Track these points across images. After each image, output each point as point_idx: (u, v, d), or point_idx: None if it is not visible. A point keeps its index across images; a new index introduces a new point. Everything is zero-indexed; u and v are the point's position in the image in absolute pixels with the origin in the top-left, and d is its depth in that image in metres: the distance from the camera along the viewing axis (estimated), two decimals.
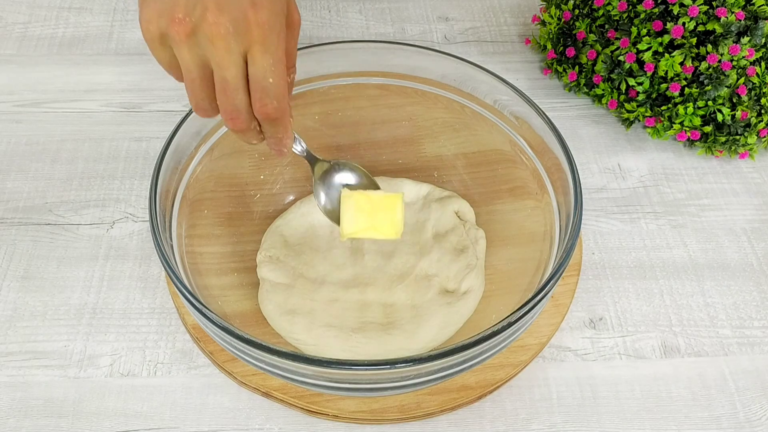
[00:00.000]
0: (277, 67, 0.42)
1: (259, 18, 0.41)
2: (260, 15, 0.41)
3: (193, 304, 0.45)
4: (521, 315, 0.45)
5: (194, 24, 0.40)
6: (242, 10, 0.40)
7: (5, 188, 0.67)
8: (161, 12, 0.41)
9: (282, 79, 0.43)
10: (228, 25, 0.40)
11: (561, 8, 0.77)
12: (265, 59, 0.42)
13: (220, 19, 0.40)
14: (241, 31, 0.41)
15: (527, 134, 0.57)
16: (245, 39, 0.41)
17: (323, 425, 0.53)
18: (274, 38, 0.42)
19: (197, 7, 0.40)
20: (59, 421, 0.52)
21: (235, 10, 0.40)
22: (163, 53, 0.43)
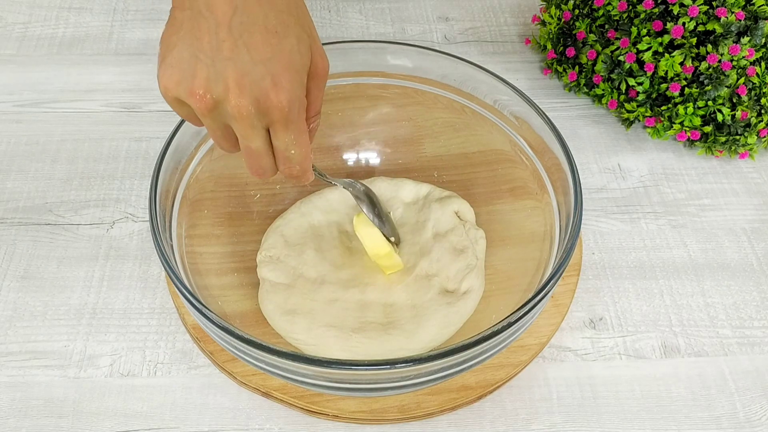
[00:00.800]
0: (299, 139, 0.44)
1: (280, 99, 0.41)
2: (281, 96, 0.41)
3: (193, 304, 0.45)
4: (521, 315, 0.45)
5: (216, 101, 0.41)
6: (263, 91, 0.41)
7: (5, 188, 0.67)
8: (179, 81, 0.41)
9: (304, 148, 0.44)
10: (250, 107, 0.41)
11: (561, 8, 0.77)
12: (287, 135, 0.43)
13: (242, 102, 0.40)
14: (262, 111, 0.41)
15: (527, 134, 0.57)
16: (267, 118, 0.42)
17: (323, 425, 0.53)
18: (294, 115, 0.42)
19: (218, 84, 0.40)
20: (59, 421, 0.52)
21: (256, 90, 0.40)
22: (181, 111, 0.44)
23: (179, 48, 0.41)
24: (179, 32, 0.41)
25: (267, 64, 0.41)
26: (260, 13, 0.41)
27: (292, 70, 0.42)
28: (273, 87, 0.41)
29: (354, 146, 0.66)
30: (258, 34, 0.41)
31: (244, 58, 0.40)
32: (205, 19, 0.40)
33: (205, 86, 0.41)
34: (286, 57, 0.41)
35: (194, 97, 0.41)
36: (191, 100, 0.41)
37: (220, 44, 0.40)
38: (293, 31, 0.42)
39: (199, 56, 0.41)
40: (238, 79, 0.40)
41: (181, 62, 0.41)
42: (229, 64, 0.40)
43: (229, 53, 0.40)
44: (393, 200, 0.63)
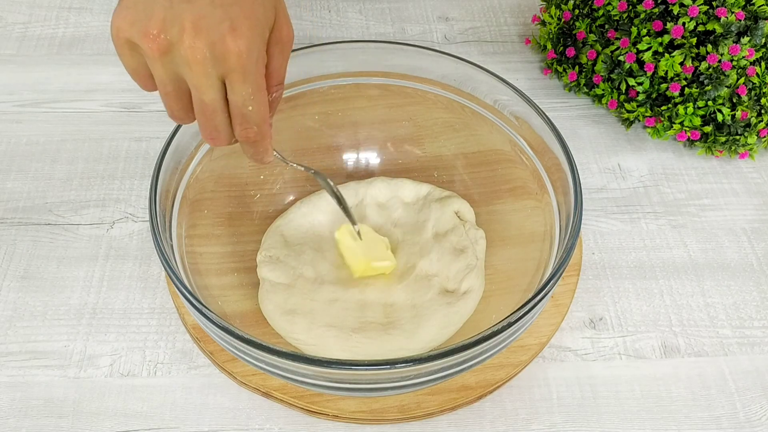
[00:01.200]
0: (257, 95, 0.41)
1: (238, 45, 0.39)
2: (239, 42, 0.39)
3: (193, 304, 0.45)
4: (521, 315, 0.45)
5: (169, 43, 0.39)
6: (220, 35, 0.38)
7: (5, 188, 0.67)
8: (134, 22, 0.39)
9: (262, 106, 0.42)
10: (205, 50, 0.38)
11: (561, 8, 0.77)
12: (244, 88, 0.40)
13: (197, 43, 0.38)
14: (218, 57, 0.39)
15: (527, 134, 0.58)
16: (223, 65, 0.39)
17: (323, 425, 0.53)
18: (252, 66, 0.40)
19: (174, 25, 0.38)
20: (59, 421, 0.52)
21: (214, 33, 0.38)
22: (131, 60, 0.41)
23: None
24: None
25: (227, 8, 0.38)
26: None
27: (254, 18, 0.39)
28: (231, 31, 0.38)
29: (354, 146, 0.66)
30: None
31: (203, 1, 0.38)
32: None
33: (160, 26, 0.38)
34: (248, 5, 0.39)
35: (147, 38, 0.38)
36: (144, 41, 0.38)
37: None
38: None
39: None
40: (195, 21, 0.38)
41: (137, 3, 0.39)
42: (187, 6, 0.38)
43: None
44: (393, 200, 0.63)
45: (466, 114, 0.62)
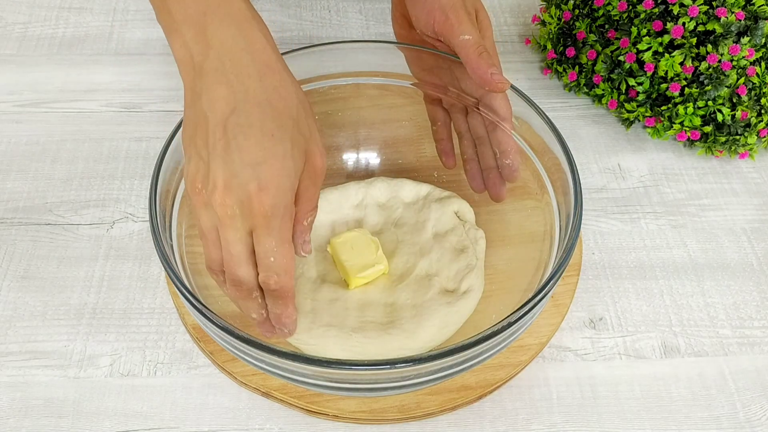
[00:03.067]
0: (280, 248, 0.43)
1: (263, 202, 0.41)
2: (264, 199, 0.41)
3: (193, 304, 0.45)
4: (521, 315, 0.45)
5: (208, 197, 0.42)
6: (247, 194, 0.41)
7: (5, 188, 0.67)
8: (188, 176, 0.43)
9: (285, 258, 0.44)
10: (234, 207, 0.41)
11: (561, 8, 0.77)
12: (268, 241, 0.43)
13: (227, 201, 0.41)
14: (245, 214, 0.42)
15: (527, 134, 0.57)
16: (249, 221, 0.42)
17: (323, 425, 0.53)
18: (277, 221, 0.42)
19: (209, 182, 0.42)
20: (59, 421, 0.52)
21: (241, 192, 0.41)
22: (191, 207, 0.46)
23: (190, 147, 0.43)
24: (189, 131, 0.43)
25: (256, 167, 0.41)
26: (257, 115, 0.42)
27: (282, 176, 0.42)
28: (258, 191, 0.41)
29: (354, 146, 0.66)
30: (252, 137, 0.41)
31: (234, 159, 0.41)
32: (206, 118, 0.42)
33: (202, 181, 0.42)
34: (278, 162, 0.42)
35: (194, 191, 0.43)
36: (192, 194, 0.43)
37: (216, 143, 0.41)
38: (289, 134, 0.42)
39: (201, 153, 0.42)
40: (226, 180, 0.41)
41: (190, 160, 0.43)
42: (220, 164, 0.41)
43: (222, 153, 0.41)
44: (393, 200, 0.63)
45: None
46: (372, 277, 0.57)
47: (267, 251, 0.43)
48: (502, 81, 0.51)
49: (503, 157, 0.57)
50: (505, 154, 0.56)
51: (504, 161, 0.57)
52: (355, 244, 0.57)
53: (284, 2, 0.88)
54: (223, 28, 0.43)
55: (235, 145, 0.41)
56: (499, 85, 0.51)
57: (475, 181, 0.59)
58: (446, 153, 0.61)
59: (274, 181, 0.41)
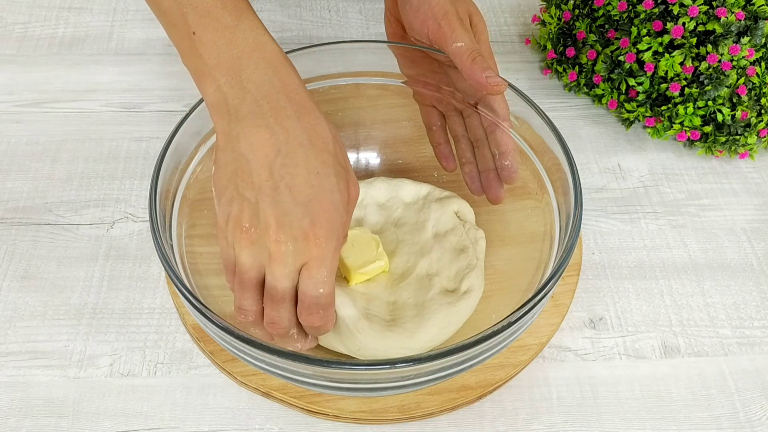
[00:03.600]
0: (329, 279, 0.44)
1: (318, 236, 0.42)
2: (319, 233, 0.42)
3: (193, 303, 0.45)
4: (521, 315, 0.45)
5: (258, 236, 0.42)
6: (302, 230, 0.42)
7: (5, 188, 0.67)
8: (230, 219, 0.43)
9: (332, 290, 0.44)
10: (288, 244, 0.42)
11: (561, 8, 0.77)
12: (320, 273, 0.43)
13: (281, 237, 0.42)
14: (300, 249, 0.42)
15: (527, 134, 0.57)
16: (302, 256, 0.42)
17: (323, 425, 0.53)
18: (330, 254, 0.43)
19: (260, 220, 0.42)
20: (59, 421, 0.52)
21: (296, 229, 0.42)
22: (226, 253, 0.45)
23: (229, 189, 0.43)
24: (227, 174, 0.44)
25: (307, 205, 0.42)
26: (302, 155, 0.42)
27: (332, 209, 0.43)
28: (311, 226, 0.42)
29: (354, 146, 0.66)
30: (299, 176, 0.42)
31: (285, 199, 0.42)
32: (248, 161, 0.42)
33: (250, 221, 0.42)
34: (326, 197, 0.43)
35: (239, 230, 0.42)
36: (236, 233, 0.43)
37: (263, 184, 0.42)
38: (333, 169, 0.43)
39: (245, 194, 0.43)
40: (279, 218, 0.42)
41: (231, 203, 0.43)
42: (270, 203, 0.42)
43: (271, 193, 0.42)
44: (393, 200, 0.63)
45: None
46: (372, 274, 0.57)
47: (317, 284, 0.43)
48: (498, 83, 0.52)
49: (502, 158, 0.57)
50: (504, 155, 0.56)
51: (503, 162, 0.57)
52: (355, 242, 0.57)
53: (284, 2, 0.88)
54: (258, 71, 0.43)
55: (284, 186, 0.42)
56: (496, 87, 0.52)
57: (474, 184, 0.59)
58: (445, 157, 0.61)
59: (326, 215, 0.42)
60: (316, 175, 0.43)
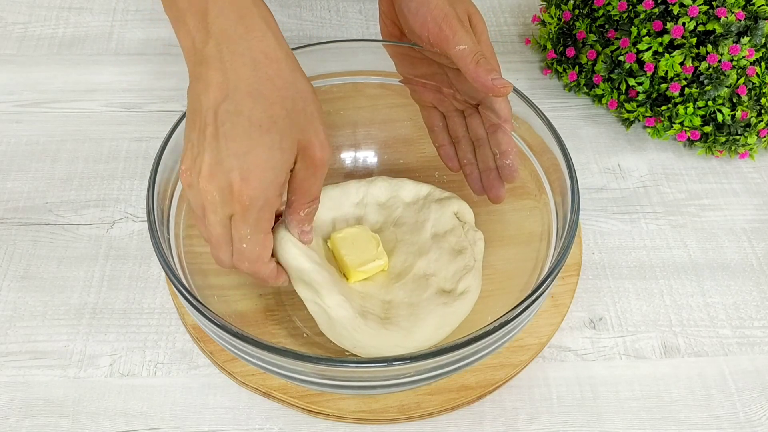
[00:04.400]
0: (254, 236, 0.45)
1: (242, 193, 0.42)
2: (244, 190, 0.42)
3: (192, 303, 0.45)
4: (516, 314, 0.45)
5: (192, 180, 0.44)
6: (229, 182, 0.42)
7: (5, 188, 0.67)
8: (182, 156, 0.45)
9: (257, 247, 0.46)
10: (215, 194, 0.43)
11: (561, 8, 0.77)
12: (243, 228, 0.44)
13: (209, 187, 0.43)
14: (225, 200, 0.43)
15: (526, 134, 0.57)
16: (229, 208, 0.44)
17: (323, 425, 0.53)
18: (254, 212, 0.44)
19: (196, 165, 0.43)
20: (59, 421, 0.52)
21: (223, 180, 0.42)
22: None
23: (187, 129, 0.45)
24: (189, 114, 0.45)
25: (241, 157, 0.42)
26: (248, 105, 0.42)
27: (266, 168, 0.42)
28: (239, 181, 0.42)
29: (354, 146, 0.66)
30: (240, 126, 0.42)
31: (222, 147, 0.42)
32: (200, 102, 0.43)
33: (189, 165, 0.44)
34: (263, 153, 0.42)
35: (182, 173, 0.44)
36: (181, 175, 0.45)
37: (206, 128, 0.42)
38: (280, 126, 0.43)
39: (191, 136, 0.44)
40: (211, 166, 0.42)
41: (187, 142, 0.45)
42: (208, 150, 0.42)
43: (211, 139, 0.42)
44: (393, 200, 0.63)
45: None
46: (372, 272, 0.57)
47: (241, 238, 0.45)
48: (504, 85, 0.52)
49: (503, 157, 0.57)
50: (505, 155, 0.56)
51: (504, 161, 0.57)
52: (355, 240, 0.57)
53: (284, 2, 0.88)
54: (222, 16, 0.43)
55: (223, 133, 0.42)
56: (502, 89, 0.52)
57: (476, 184, 0.59)
58: (449, 157, 0.61)
59: (257, 172, 0.42)
60: (258, 129, 0.42)
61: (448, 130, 0.61)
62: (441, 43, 0.54)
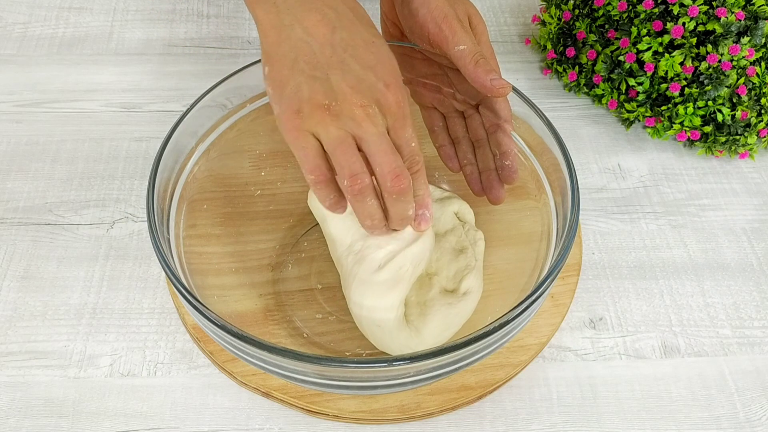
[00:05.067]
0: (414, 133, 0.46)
1: (396, 97, 0.44)
2: (396, 94, 0.44)
3: (192, 303, 0.45)
4: (516, 314, 0.45)
5: (340, 109, 0.43)
6: (381, 93, 0.44)
7: (5, 188, 0.67)
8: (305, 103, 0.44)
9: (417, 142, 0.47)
10: (373, 106, 0.44)
11: (561, 8, 0.77)
12: (407, 131, 0.46)
13: (364, 101, 0.43)
14: (383, 110, 0.44)
15: (526, 134, 0.57)
16: (386, 118, 0.45)
17: (323, 425, 0.53)
18: (407, 110, 0.45)
19: (338, 94, 0.43)
20: (59, 421, 0.52)
21: (375, 92, 0.44)
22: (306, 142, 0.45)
23: (294, 77, 0.44)
24: (287, 64, 0.44)
25: (374, 69, 0.44)
26: (355, 29, 0.45)
27: (395, 72, 0.45)
28: (386, 88, 0.44)
29: None
30: (360, 47, 0.45)
31: (354, 68, 0.44)
32: (307, 43, 0.44)
33: (327, 97, 0.43)
34: (387, 61, 0.45)
35: (321, 110, 0.43)
36: (317, 114, 0.43)
37: (329, 60, 0.44)
38: (381, 39, 0.46)
39: (315, 74, 0.44)
40: (354, 85, 0.43)
41: (299, 88, 0.44)
42: (343, 76, 0.43)
43: (340, 65, 0.44)
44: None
45: None
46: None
47: (409, 138, 0.46)
48: (503, 86, 0.52)
49: (503, 158, 0.57)
50: (505, 155, 0.56)
51: (503, 162, 0.57)
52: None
53: None
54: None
55: (349, 57, 0.44)
56: (501, 90, 0.52)
57: (476, 185, 0.60)
58: (450, 158, 0.61)
59: (393, 77, 0.45)
60: (372, 44, 0.45)
61: (448, 130, 0.61)
62: (441, 43, 0.54)
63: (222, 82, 0.56)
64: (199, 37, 0.83)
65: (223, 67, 0.79)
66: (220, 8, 0.86)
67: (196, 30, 0.84)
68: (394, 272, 0.49)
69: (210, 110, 0.56)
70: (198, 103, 0.54)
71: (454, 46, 0.53)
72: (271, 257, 0.61)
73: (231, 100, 0.57)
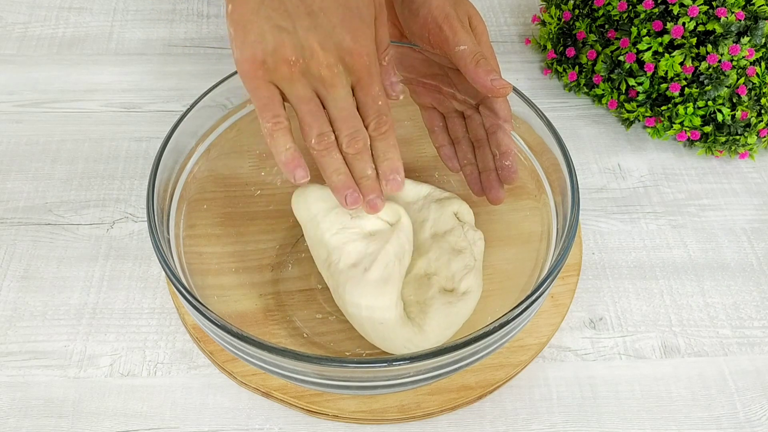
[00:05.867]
0: (382, 91, 0.46)
1: (361, 54, 0.44)
2: (361, 51, 0.44)
3: (192, 303, 0.45)
4: (516, 314, 0.45)
5: (306, 65, 0.43)
6: (347, 50, 0.43)
7: (5, 188, 0.67)
8: (269, 53, 0.43)
9: (386, 100, 0.47)
10: (339, 65, 0.43)
11: (561, 8, 0.77)
12: (374, 88, 0.45)
13: (330, 60, 0.43)
14: (348, 68, 0.44)
15: (526, 134, 0.57)
16: (352, 75, 0.44)
17: (323, 425, 0.53)
18: (375, 68, 0.45)
19: (305, 49, 0.43)
20: (59, 421, 0.52)
21: (341, 50, 0.43)
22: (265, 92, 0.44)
23: (258, 23, 0.43)
24: (251, 6, 0.43)
25: (343, 24, 0.43)
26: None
27: (364, 26, 0.44)
28: (354, 44, 0.43)
29: None
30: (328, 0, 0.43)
31: (322, 22, 0.43)
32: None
33: (295, 52, 0.42)
34: (356, 15, 0.44)
35: (287, 65, 0.43)
36: (283, 68, 0.43)
37: (296, 10, 0.42)
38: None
39: (281, 24, 0.42)
40: (322, 42, 0.42)
41: (263, 37, 0.43)
42: (311, 29, 0.42)
43: (308, 19, 0.42)
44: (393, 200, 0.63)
45: None
46: None
47: (375, 96, 0.45)
48: (503, 86, 0.52)
49: (503, 158, 0.57)
50: (505, 155, 0.57)
51: (503, 162, 0.57)
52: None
53: None
54: None
55: (317, 9, 0.42)
56: (501, 90, 0.52)
57: (476, 185, 0.60)
58: (449, 158, 0.61)
59: (361, 32, 0.44)
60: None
61: (448, 130, 0.61)
62: (441, 43, 0.54)
63: (222, 82, 0.56)
64: (199, 37, 0.83)
65: (223, 67, 0.79)
66: (220, 8, 0.87)
67: (196, 30, 0.84)
68: (381, 270, 0.50)
69: (210, 110, 0.56)
70: (198, 103, 0.54)
71: (455, 47, 0.53)
72: (271, 257, 0.61)
73: (231, 100, 0.57)
